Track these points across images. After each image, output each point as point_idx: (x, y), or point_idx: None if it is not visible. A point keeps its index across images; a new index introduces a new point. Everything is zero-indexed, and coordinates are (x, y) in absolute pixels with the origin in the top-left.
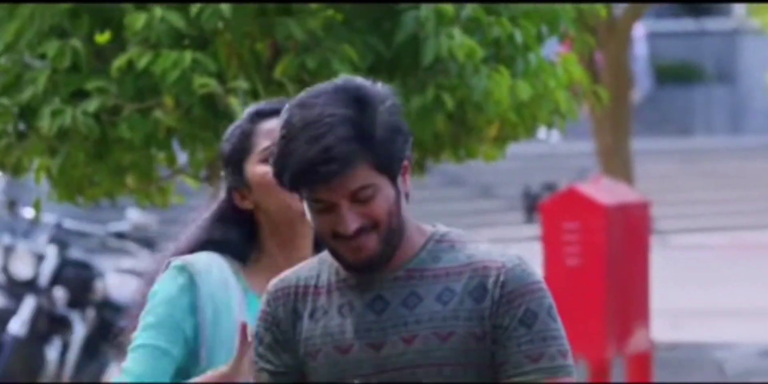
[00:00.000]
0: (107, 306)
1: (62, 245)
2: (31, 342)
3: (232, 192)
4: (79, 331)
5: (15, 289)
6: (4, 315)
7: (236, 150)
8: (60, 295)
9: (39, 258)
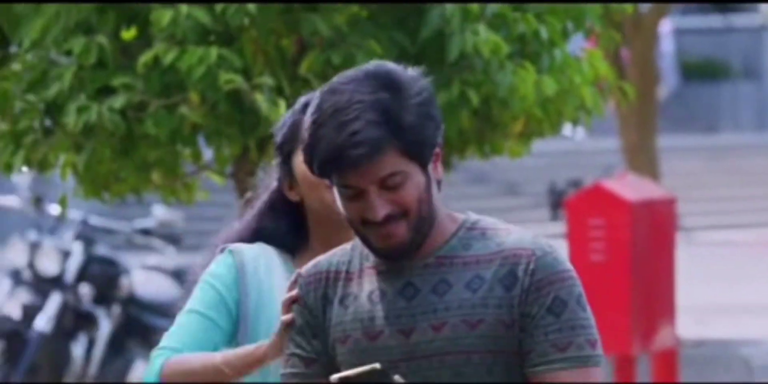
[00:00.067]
0: (133, 302)
1: (88, 242)
2: (57, 338)
3: (282, 182)
4: (105, 328)
5: (41, 286)
6: (30, 311)
7: (286, 141)
8: (86, 292)
9: (65, 254)
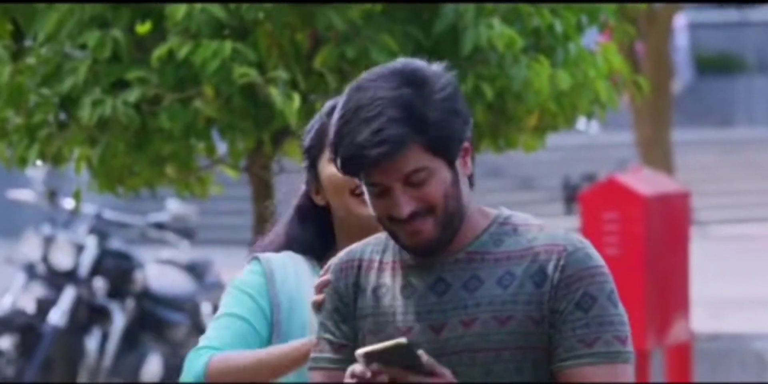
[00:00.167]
0: (147, 296)
1: (102, 236)
2: (71, 332)
3: (309, 186)
4: (119, 322)
5: (55, 280)
6: (45, 305)
7: (313, 145)
8: (100, 286)
9: (79, 248)
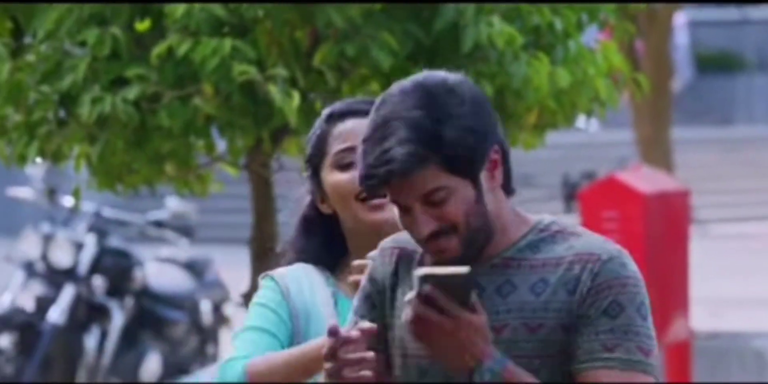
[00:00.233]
0: (146, 294)
1: (101, 234)
2: (70, 330)
3: (314, 195)
4: (118, 320)
5: (54, 278)
6: (44, 303)
7: (314, 154)
8: (99, 284)
9: (78, 246)
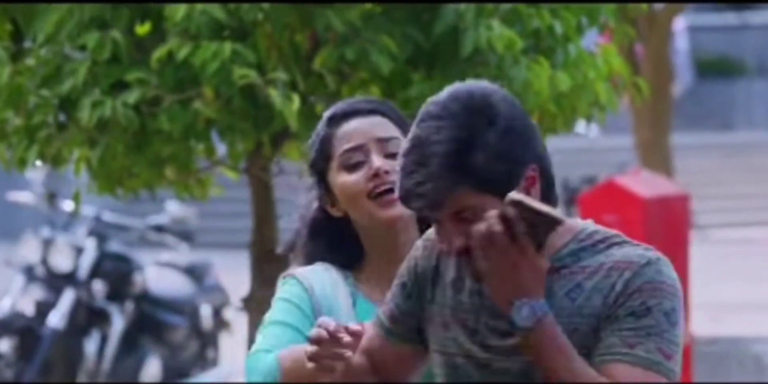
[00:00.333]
0: (146, 299)
1: (101, 238)
2: (70, 335)
3: (322, 200)
4: (118, 324)
5: (54, 282)
6: (44, 308)
7: (318, 159)
8: (99, 288)
9: (78, 251)
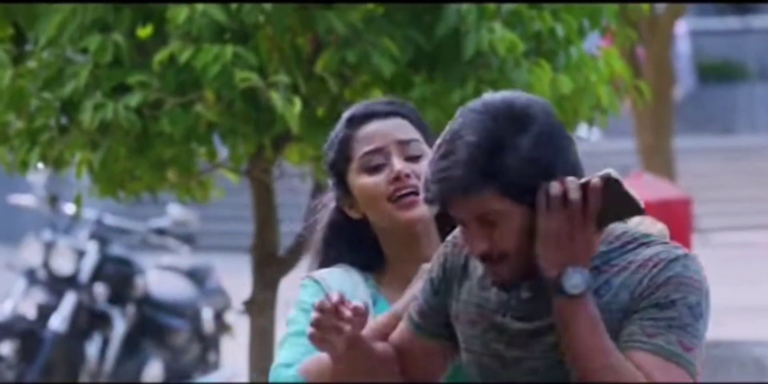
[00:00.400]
0: (147, 302)
1: (103, 241)
2: (72, 338)
3: (340, 202)
4: (119, 327)
5: (56, 285)
6: (45, 311)
7: (337, 159)
8: (100, 291)
9: (80, 254)
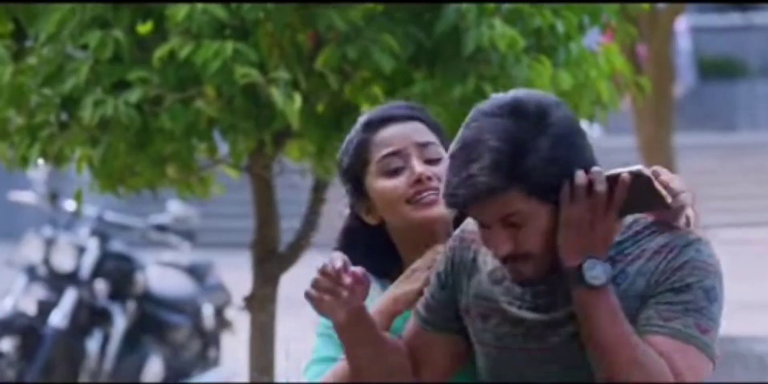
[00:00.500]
0: (148, 298)
1: (103, 238)
2: (72, 334)
3: (357, 207)
4: (120, 324)
5: (56, 282)
6: (46, 307)
7: (353, 164)
8: (101, 288)
9: (80, 250)
